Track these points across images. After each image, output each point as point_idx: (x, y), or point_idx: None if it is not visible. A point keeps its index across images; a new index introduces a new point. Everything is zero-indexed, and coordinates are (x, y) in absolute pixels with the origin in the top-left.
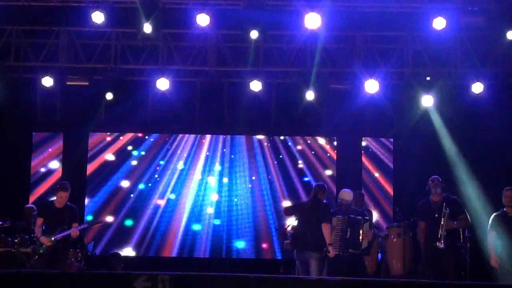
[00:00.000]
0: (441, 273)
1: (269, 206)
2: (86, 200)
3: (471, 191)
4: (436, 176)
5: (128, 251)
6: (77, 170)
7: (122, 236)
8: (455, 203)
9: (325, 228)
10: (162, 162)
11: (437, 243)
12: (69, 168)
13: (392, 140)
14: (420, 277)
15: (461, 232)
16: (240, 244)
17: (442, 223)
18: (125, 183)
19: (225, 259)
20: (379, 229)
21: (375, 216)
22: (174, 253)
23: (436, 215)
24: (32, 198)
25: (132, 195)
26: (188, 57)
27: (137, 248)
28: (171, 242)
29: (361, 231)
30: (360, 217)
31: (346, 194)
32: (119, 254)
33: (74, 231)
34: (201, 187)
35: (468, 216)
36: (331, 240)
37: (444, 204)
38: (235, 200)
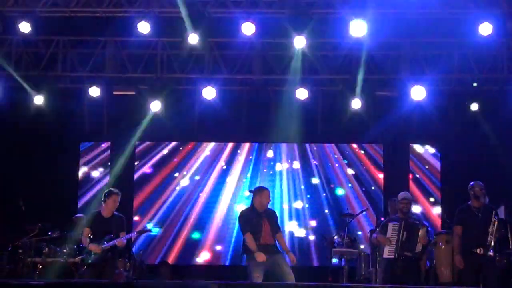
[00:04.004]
0: (483, 281)
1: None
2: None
3: None
4: (475, 183)
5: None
6: (124, 179)
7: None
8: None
9: (245, 238)
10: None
11: (482, 250)
12: (117, 177)
13: (439, 146)
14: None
15: (510, 238)
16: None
17: (489, 230)
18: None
19: None
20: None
21: None
22: (226, 261)
23: (479, 221)
24: (80, 208)
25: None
26: (233, 65)
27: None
28: (224, 249)
29: (418, 235)
30: (417, 222)
31: (404, 193)
32: (167, 263)
33: (120, 241)
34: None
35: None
36: (255, 248)
37: (494, 212)
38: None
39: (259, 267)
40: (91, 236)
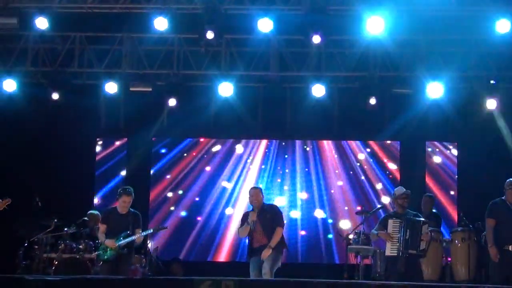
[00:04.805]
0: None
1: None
2: None
3: None
4: None
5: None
6: (140, 176)
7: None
8: None
9: None
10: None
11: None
12: (133, 173)
13: (456, 144)
14: (489, 281)
15: None
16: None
17: None
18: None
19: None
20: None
21: None
22: (237, 258)
23: None
24: (96, 204)
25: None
26: (250, 62)
27: (198, 252)
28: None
29: (421, 232)
30: (419, 218)
31: (400, 188)
32: (179, 259)
33: (138, 237)
34: None
35: None
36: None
37: None
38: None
39: (254, 268)
40: (107, 233)
